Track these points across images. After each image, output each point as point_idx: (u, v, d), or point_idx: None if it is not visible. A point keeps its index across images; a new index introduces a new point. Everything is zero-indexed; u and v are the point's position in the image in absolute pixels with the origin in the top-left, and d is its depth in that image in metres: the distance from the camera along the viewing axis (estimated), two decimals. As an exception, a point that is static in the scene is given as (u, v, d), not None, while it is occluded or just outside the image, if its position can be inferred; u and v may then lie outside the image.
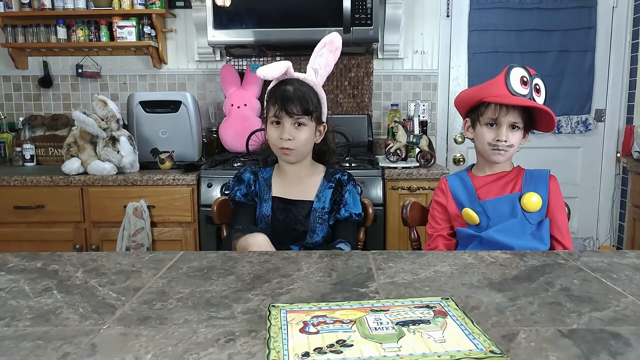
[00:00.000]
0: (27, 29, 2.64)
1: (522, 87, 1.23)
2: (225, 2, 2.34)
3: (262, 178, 1.41)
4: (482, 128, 1.30)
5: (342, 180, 1.38)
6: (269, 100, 1.32)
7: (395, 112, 2.71)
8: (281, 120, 1.29)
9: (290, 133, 1.29)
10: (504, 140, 1.27)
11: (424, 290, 0.82)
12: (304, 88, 1.30)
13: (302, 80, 1.31)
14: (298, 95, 1.28)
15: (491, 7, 2.75)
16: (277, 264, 0.96)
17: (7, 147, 2.62)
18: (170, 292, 0.81)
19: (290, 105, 1.27)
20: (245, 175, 1.40)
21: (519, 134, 1.29)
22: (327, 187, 1.37)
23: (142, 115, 2.38)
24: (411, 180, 2.21)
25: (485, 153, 1.32)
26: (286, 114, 1.28)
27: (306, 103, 1.28)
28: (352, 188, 1.38)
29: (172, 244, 2.20)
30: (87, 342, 0.63)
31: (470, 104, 1.33)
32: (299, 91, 1.28)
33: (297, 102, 1.27)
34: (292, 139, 1.29)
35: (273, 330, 0.64)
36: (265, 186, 1.39)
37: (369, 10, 2.31)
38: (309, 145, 1.35)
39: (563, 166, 2.81)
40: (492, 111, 1.27)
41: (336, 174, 1.39)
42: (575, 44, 2.78)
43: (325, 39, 1.36)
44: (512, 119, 1.26)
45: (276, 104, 1.28)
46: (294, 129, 1.30)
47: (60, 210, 2.19)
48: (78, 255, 1.02)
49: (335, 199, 1.36)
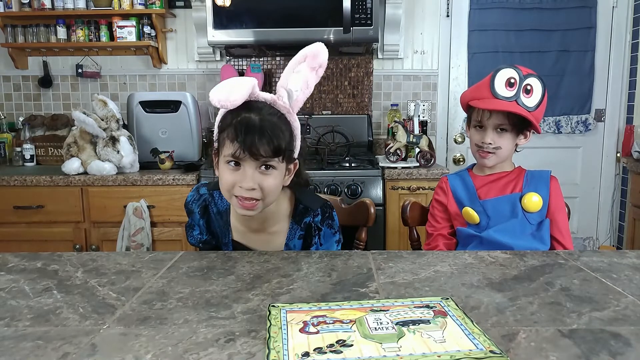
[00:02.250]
0: (27, 29, 2.64)
1: (507, 90, 1.21)
2: (225, 2, 2.34)
3: (216, 214, 1.14)
4: (472, 130, 1.31)
5: (312, 225, 1.10)
6: (224, 130, 0.97)
7: (395, 112, 2.71)
8: (242, 162, 0.97)
9: (254, 180, 0.96)
10: (489, 143, 1.26)
11: (424, 290, 0.82)
12: (274, 118, 0.97)
13: (271, 106, 0.98)
14: (266, 130, 0.94)
15: (491, 7, 2.75)
16: (277, 264, 0.95)
17: (7, 147, 2.62)
18: (170, 292, 0.81)
19: (257, 144, 0.93)
20: (195, 217, 1.15)
21: (508, 136, 1.27)
22: (297, 236, 1.11)
23: (142, 115, 2.38)
24: (411, 180, 2.21)
25: (474, 155, 1.33)
26: (250, 156, 0.95)
27: (277, 139, 0.95)
28: (326, 230, 1.11)
29: (172, 244, 2.20)
30: (87, 342, 0.63)
31: (464, 105, 1.34)
32: (267, 122, 0.95)
33: (265, 139, 0.94)
34: (256, 189, 0.97)
35: (273, 330, 0.64)
36: (223, 226, 1.13)
37: (368, 10, 2.31)
38: (277, 191, 1.02)
39: (563, 166, 2.81)
40: (477, 114, 1.27)
41: (306, 217, 1.10)
42: (575, 44, 2.78)
43: (305, 50, 1.03)
44: (496, 121, 1.25)
45: (235, 141, 0.94)
46: (258, 173, 0.97)
47: (60, 210, 2.19)
48: (78, 255, 1.02)
49: (307, 245, 1.12)
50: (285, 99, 1.00)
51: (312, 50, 1.03)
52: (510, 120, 1.25)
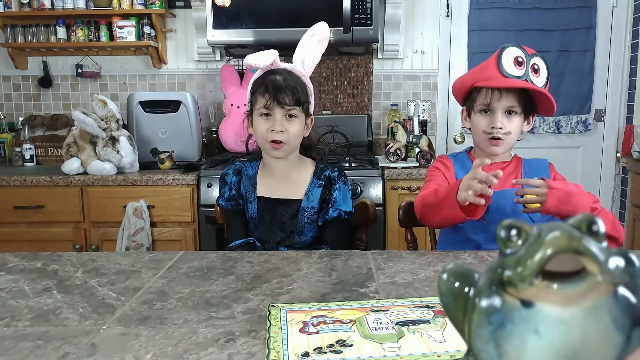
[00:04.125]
0: (26, 29, 2.64)
1: (517, 68, 1.14)
2: (225, 2, 2.34)
3: (246, 176, 1.34)
4: (476, 116, 1.22)
5: (331, 178, 1.30)
6: (256, 90, 1.24)
7: (395, 112, 2.71)
8: (271, 112, 1.22)
9: (282, 125, 1.21)
10: (499, 127, 1.17)
11: (424, 290, 0.82)
12: (293, 78, 1.23)
13: (289, 70, 1.25)
14: (289, 85, 1.21)
15: (491, 7, 2.75)
16: (277, 264, 0.95)
17: (6, 147, 2.62)
18: (170, 292, 0.81)
19: (282, 95, 1.19)
20: (228, 177, 1.34)
21: (517, 120, 1.19)
22: (317, 185, 1.30)
23: (141, 115, 2.38)
24: (411, 180, 2.21)
25: (481, 143, 1.24)
26: (277, 105, 1.20)
27: (297, 93, 1.21)
28: (342, 185, 1.31)
29: (171, 244, 2.20)
30: (87, 342, 0.63)
31: (464, 91, 1.26)
32: (289, 81, 1.21)
33: (289, 91, 1.20)
34: (284, 132, 1.21)
35: (273, 330, 0.64)
36: (250, 186, 1.32)
37: (368, 10, 2.31)
38: (299, 139, 1.28)
39: (563, 166, 2.77)
40: (484, 96, 1.18)
41: (326, 171, 1.32)
42: (575, 44, 2.78)
43: (313, 28, 1.31)
44: (506, 103, 1.17)
45: (266, 94, 1.20)
46: (285, 120, 1.22)
47: (60, 210, 2.19)
48: (78, 255, 1.02)
49: (324, 197, 1.29)
50: (300, 66, 1.27)
51: (318, 28, 1.31)
52: (521, 102, 1.17)
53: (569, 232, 0.22)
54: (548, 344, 0.23)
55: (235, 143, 2.44)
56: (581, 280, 0.22)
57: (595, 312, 0.23)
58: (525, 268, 0.23)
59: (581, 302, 0.22)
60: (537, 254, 0.22)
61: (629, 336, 0.23)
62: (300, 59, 1.28)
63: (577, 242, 0.22)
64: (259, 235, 1.30)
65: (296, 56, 1.29)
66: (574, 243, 0.22)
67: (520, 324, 0.23)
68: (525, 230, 0.24)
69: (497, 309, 0.24)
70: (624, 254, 0.24)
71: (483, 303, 0.25)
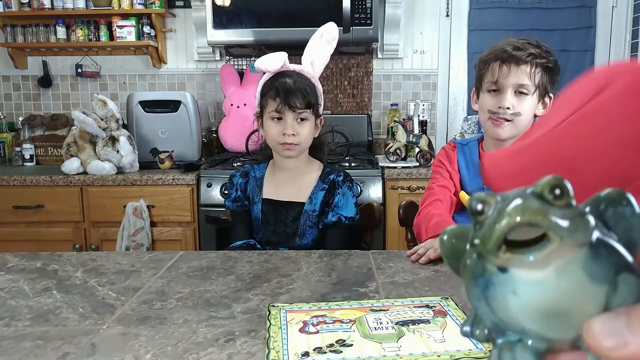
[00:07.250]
0: (26, 29, 2.63)
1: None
2: (224, 2, 2.34)
3: (253, 178, 1.34)
4: (484, 95, 1.11)
5: (336, 182, 1.30)
6: (266, 94, 1.25)
7: (394, 111, 2.71)
8: (283, 115, 1.23)
9: (294, 128, 1.22)
10: (507, 107, 1.04)
11: (424, 290, 0.82)
12: (303, 80, 1.24)
13: (299, 72, 1.25)
14: (299, 88, 1.21)
15: (491, 6, 2.75)
16: (277, 264, 0.95)
17: (6, 147, 2.61)
18: (170, 292, 0.81)
19: (293, 98, 1.20)
20: (235, 178, 1.35)
21: (529, 101, 1.06)
22: (321, 188, 1.29)
23: (141, 115, 2.38)
24: (411, 180, 2.21)
25: (484, 125, 1.13)
26: (289, 109, 1.21)
27: (307, 96, 1.22)
28: (346, 190, 1.29)
29: (171, 244, 2.20)
30: (87, 342, 0.63)
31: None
32: (299, 83, 1.22)
33: (300, 95, 1.21)
34: (296, 135, 1.23)
35: (273, 330, 0.64)
36: (257, 187, 1.33)
37: (368, 10, 2.31)
38: (310, 140, 1.29)
39: (563, 166, 2.80)
40: (492, 72, 1.07)
41: (331, 174, 1.31)
42: (575, 44, 2.78)
43: (322, 29, 1.30)
44: (515, 80, 1.05)
45: (277, 98, 1.21)
46: (296, 124, 1.23)
47: (60, 210, 2.19)
48: (78, 255, 1.02)
49: (326, 201, 1.28)
50: (309, 68, 1.28)
51: (327, 28, 1.31)
52: (533, 80, 1.06)
53: (522, 206, 0.23)
54: (527, 303, 0.24)
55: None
56: (543, 247, 0.23)
57: (568, 270, 0.23)
58: (488, 242, 0.23)
59: (551, 264, 0.23)
60: (495, 229, 0.23)
61: (614, 283, 0.23)
62: (310, 60, 1.29)
63: (529, 215, 0.22)
64: (262, 237, 1.31)
65: (305, 57, 1.29)
66: (526, 217, 0.22)
67: (500, 287, 0.24)
68: (489, 202, 0.25)
69: (481, 273, 0.25)
70: (592, 211, 0.24)
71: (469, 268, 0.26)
